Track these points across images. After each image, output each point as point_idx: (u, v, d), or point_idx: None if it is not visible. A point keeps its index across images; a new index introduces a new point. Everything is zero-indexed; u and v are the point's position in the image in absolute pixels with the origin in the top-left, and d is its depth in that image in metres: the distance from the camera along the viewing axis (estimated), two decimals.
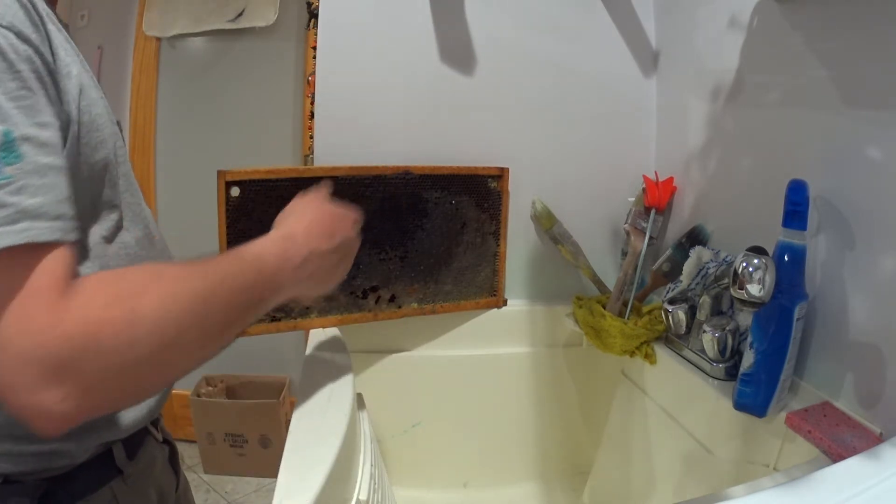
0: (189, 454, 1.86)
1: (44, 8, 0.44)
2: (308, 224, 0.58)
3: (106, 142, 0.51)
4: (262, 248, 0.52)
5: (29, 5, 0.41)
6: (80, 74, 0.47)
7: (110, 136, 0.52)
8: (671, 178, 1.05)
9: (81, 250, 0.48)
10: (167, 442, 0.66)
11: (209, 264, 0.46)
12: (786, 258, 0.69)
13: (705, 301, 0.85)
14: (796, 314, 0.69)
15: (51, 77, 0.43)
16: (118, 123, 0.57)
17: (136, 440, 0.58)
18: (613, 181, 1.12)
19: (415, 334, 1.09)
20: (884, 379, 0.65)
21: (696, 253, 0.91)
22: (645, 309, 1.02)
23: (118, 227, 0.54)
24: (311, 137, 1.06)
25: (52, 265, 0.38)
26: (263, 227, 0.92)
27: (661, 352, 0.94)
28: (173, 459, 0.67)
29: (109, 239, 0.53)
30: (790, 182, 0.70)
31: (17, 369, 0.35)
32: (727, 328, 0.80)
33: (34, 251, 0.37)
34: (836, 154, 0.72)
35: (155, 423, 0.64)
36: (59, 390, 0.35)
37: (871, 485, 0.47)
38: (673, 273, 0.99)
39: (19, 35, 0.40)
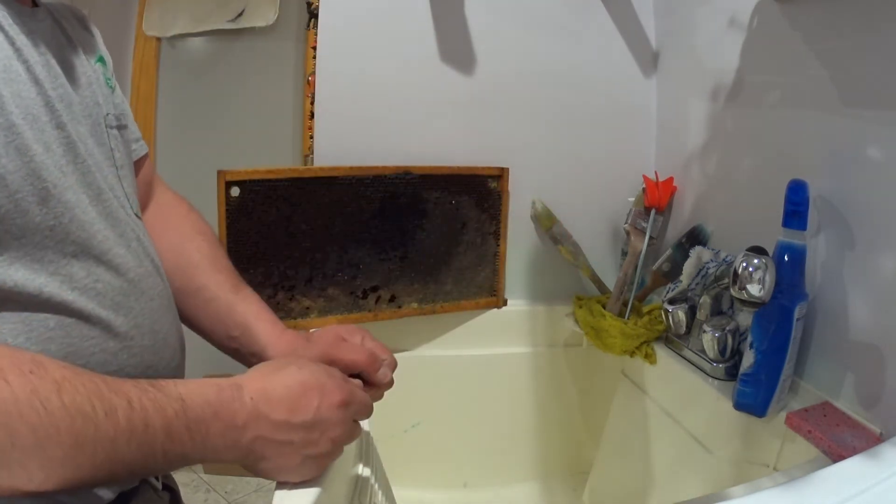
0: None
1: None
2: (268, 385, 0.44)
3: None
4: (191, 389, 0.40)
5: None
6: None
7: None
8: (671, 178, 1.05)
9: None
10: (168, 488, 0.58)
11: (108, 393, 0.36)
12: (786, 258, 0.69)
13: (705, 301, 0.85)
14: (796, 314, 0.68)
15: None
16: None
17: (126, 494, 0.49)
18: (613, 181, 1.12)
19: (415, 334, 1.09)
20: (884, 379, 0.65)
21: (696, 253, 0.91)
22: (645, 309, 1.02)
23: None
24: (311, 137, 1.06)
25: None
26: (263, 227, 0.93)
27: (661, 352, 0.94)
28: None
29: None
30: (790, 182, 0.70)
31: None
32: (727, 328, 0.80)
33: None
34: (836, 154, 0.72)
35: None
36: None
37: (871, 485, 0.47)
38: (673, 273, 0.99)
39: None
